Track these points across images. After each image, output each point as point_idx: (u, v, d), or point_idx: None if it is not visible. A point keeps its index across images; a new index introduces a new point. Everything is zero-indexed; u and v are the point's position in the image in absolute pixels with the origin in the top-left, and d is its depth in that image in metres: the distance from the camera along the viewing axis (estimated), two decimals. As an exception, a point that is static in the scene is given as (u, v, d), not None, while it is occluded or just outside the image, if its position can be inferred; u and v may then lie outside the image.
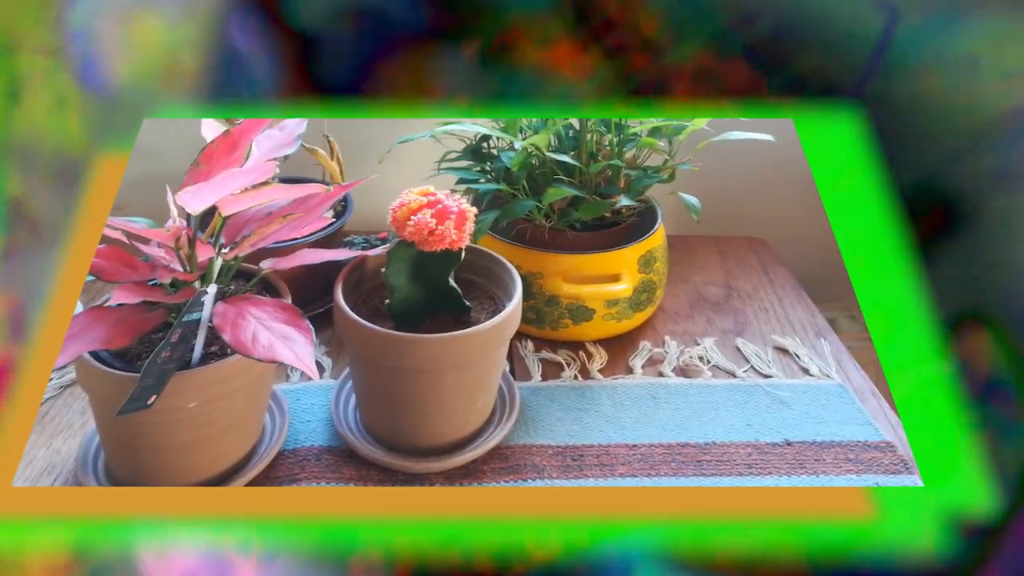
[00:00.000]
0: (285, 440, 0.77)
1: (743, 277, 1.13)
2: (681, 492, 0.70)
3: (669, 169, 0.95)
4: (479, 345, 0.72)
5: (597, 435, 0.81)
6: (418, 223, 0.71)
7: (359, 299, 0.79)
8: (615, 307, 0.94)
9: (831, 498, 0.61)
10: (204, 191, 0.65)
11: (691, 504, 0.60)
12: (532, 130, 0.94)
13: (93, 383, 0.64)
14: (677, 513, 0.59)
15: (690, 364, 0.93)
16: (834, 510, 0.59)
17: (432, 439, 0.76)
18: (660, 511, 0.59)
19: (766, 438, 0.82)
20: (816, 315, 1.04)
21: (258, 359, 0.62)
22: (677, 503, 0.60)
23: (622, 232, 0.96)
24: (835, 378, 0.91)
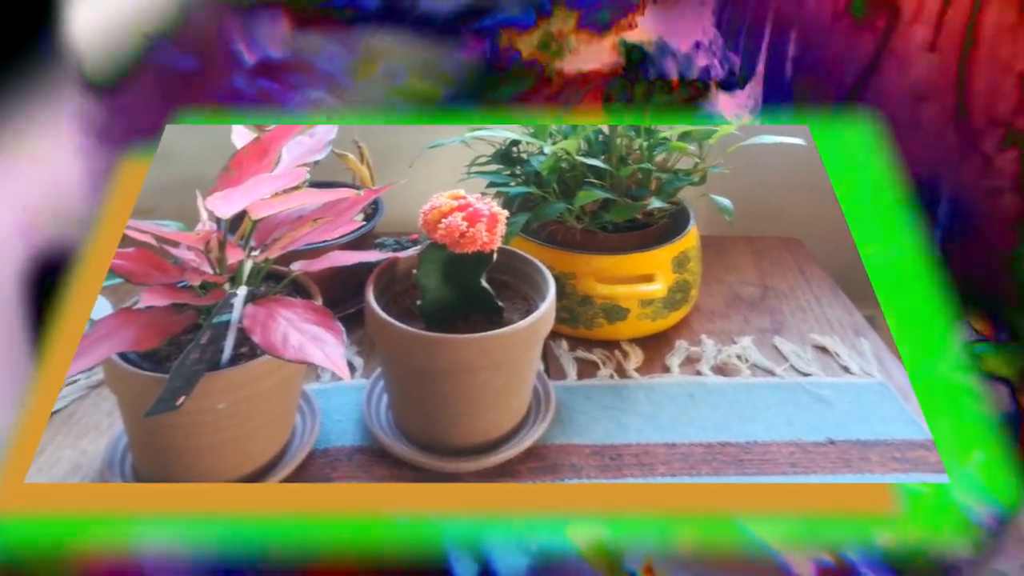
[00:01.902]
0: (316, 440, 0.74)
1: (779, 276, 1.09)
2: (711, 488, 0.68)
3: (700, 172, 0.92)
4: (512, 345, 0.69)
5: (635, 434, 0.78)
6: (449, 226, 0.69)
7: (390, 300, 0.76)
8: (649, 307, 0.90)
9: (857, 494, 0.59)
10: (234, 196, 0.63)
11: (723, 500, 0.59)
12: (562, 135, 0.91)
13: (121, 384, 0.62)
14: (710, 508, 0.57)
15: (728, 363, 0.89)
16: (860, 506, 0.57)
17: (466, 439, 0.73)
18: (692, 506, 0.57)
19: (809, 437, 0.78)
20: (854, 313, 1.00)
21: (288, 360, 0.59)
22: (708, 498, 0.59)
23: (654, 233, 0.93)
24: (877, 376, 0.87)
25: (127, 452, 0.71)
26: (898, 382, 0.86)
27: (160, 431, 0.62)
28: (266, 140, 0.70)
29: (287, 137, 0.71)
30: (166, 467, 0.65)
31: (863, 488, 0.67)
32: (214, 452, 0.64)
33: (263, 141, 0.70)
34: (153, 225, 0.64)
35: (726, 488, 0.68)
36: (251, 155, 0.69)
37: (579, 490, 0.68)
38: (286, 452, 0.71)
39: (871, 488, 0.65)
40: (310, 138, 0.76)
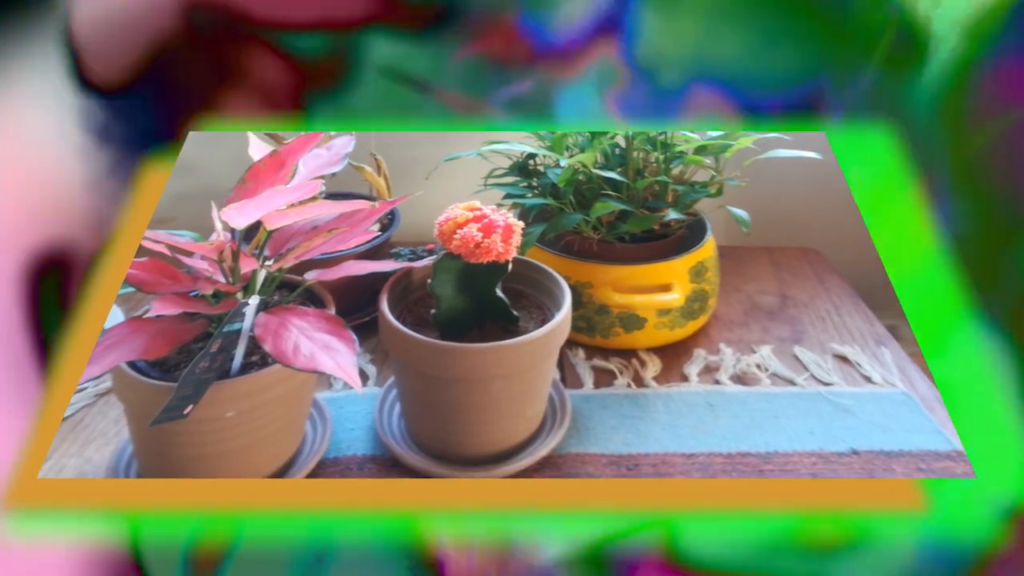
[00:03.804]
0: (327, 449, 0.72)
1: (797, 286, 1.05)
2: (734, 485, 0.64)
3: (717, 184, 0.89)
4: (527, 354, 0.66)
5: (653, 444, 0.74)
6: (464, 236, 0.67)
7: (404, 309, 0.74)
8: (667, 316, 0.87)
9: (882, 490, 0.56)
10: (249, 207, 0.61)
11: (745, 497, 0.56)
12: (578, 148, 0.89)
13: (129, 392, 0.59)
14: (732, 505, 0.54)
15: (747, 372, 0.85)
16: (886, 502, 0.54)
17: (480, 448, 0.69)
18: (715, 503, 0.55)
19: (831, 447, 0.74)
20: (875, 323, 0.96)
21: (299, 369, 0.57)
22: (732, 496, 0.56)
23: (671, 244, 0.89)
24: (899, 386, 0.83)
25: (132, 460, 0.68)
26: (921, 392, 0.82)
27: (168, 439, 0.60)
28: (283, 153, 0.68)
29: (304, 150, 0.70)
30: (172, 475, 0.62)
31: (887, 485, 0.64)
32: (222, 460, 0.62)
33: (280, 154, 0.68)
34: (166, 235, 0.62)
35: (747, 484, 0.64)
36: (268, 167, 0.68)
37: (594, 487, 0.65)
38: (295, 461, 0.69)
39: (895, 485, 0.62)
40: (327, 151, 0.74)
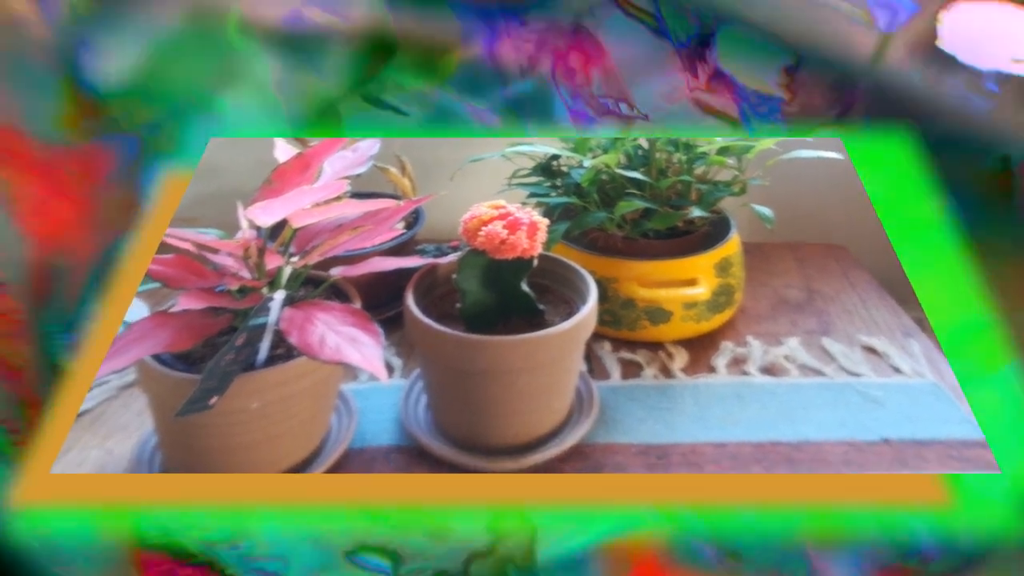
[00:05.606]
0: (352, 439, 0.69)
1: (823, 281, 1.01)
2: (764, 479, 0.63)
3: (740, 183, 0.87)
4: (553, 347, 0.64)
5: (682, 434, 0.71)
6: (489, 233, 0.65)
7: (430, 304, 0.72)
8: (693, 309, 0.84)
9: (907, 485, 0.56)
10: (274, 206, 0.60)
11: (775, 492, 0.55)
12: (602, 149, 0.87)
13: (154, 385, 0.57)
14: (762, 500, 0.53)
15: (776, 363, 0.82)
16: (911, 497, 0.54)
17: (506, 439, 0.67)
18: (746, 498, 0.54)
19: (862, 436, 0.70)
20: (902, 316, 0.92)
21: (325, 361, 0.55)
22: (762, 491, 0.55)
23: (696, 240, 0.87)
24: (929, 377, 0.80)
25: (156, 451, 0.66)
26: (950, 382, 0.79)
27: (193, 430, 0.58)
28: (308, 155, 0.67)
29: (330, 152, 0.68)
30: (197, 466, 0.61)
31: (900, 478, 0.62)
32: (249, 451, 0.60)
33: (305, 155, 0.67)
34: (193, 232, 0.61)
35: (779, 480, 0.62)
36: (293, 168, 0.66)
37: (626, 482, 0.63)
38: (321, 451, 0.67)
39: (909, 478, 0.60)
40: (352, 152, 0.73)
